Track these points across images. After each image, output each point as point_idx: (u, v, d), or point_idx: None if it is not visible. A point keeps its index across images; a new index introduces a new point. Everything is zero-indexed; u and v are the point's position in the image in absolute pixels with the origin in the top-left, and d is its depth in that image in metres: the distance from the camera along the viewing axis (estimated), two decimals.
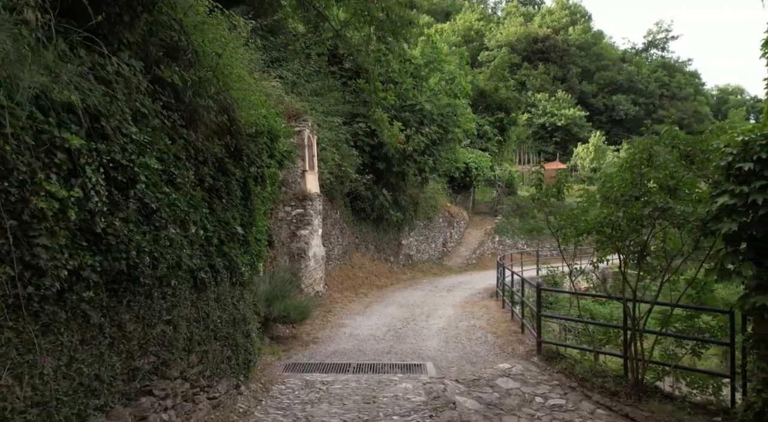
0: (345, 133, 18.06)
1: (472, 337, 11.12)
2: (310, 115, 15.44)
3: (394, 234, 22.88)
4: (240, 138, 7.04)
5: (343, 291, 16.59)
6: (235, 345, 6.86)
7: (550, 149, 64.74)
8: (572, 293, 9.11)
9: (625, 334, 8.24)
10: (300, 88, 17.90)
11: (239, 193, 7.07)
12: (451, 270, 26.01)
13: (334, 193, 17.71)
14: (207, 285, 6.19)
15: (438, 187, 28.25)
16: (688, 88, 78.35)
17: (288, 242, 14.25)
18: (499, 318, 13.17)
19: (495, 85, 42.43)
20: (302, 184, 14.58)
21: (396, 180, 20.88)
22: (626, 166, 7.55)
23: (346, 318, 13.14)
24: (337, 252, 17.90)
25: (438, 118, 20.62)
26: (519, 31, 76.45)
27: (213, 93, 6.49)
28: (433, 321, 13.04)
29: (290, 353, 9.71)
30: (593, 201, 8.07)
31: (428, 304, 15.59)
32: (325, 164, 16.42)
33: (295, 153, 14.11)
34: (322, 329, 11.75)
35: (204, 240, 6.14)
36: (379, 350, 10.03)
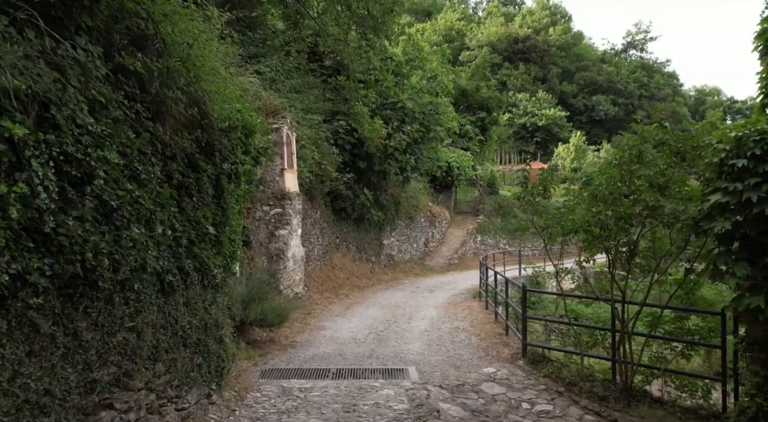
0: (325, 131, 17.68)
1: (455, 340, 10.83)
2: (288, 112, 15.05)
3: (375, 234, 22.55)
4: (212, 132, 6.65)
5: (323, 293, 16.22)
6: (206, 351, 6.47)
7: (530, 149, 64.85)
8: (558, 294, 8.86)
9: (613, 336, 8.01)
10: (279, 84, 17.48)
11: (211, 191, 6.68)
12: (433, 271, 25.76)
13: (314, 192, 17.32)
14: (175, 289, 5.80)
15: (420, 186, 27.99)
16: (667, 89, 79.15)
17: (266, 242, 13.84)
18: (482, 320, 12.90)
19: (476, 85, 42.36)
20: (281, 183, 14.18)
21: (377, 179, 20.56)
22: (615, 164, 7.31)
23: (326, 321, 12.78)
24: (317, 252, 17.52)
25: (420, 116, 20.33)
26: (500, 31, 76.58)
27: (183, 84, 6.11)
28: (415, 323, 12.73)
29: (267, 358, 9.33)
30: (580, 199, 7.82)
31: (410, 305, 15.29)
32: (305, 162, 16.03)
33: (272, 150, 13.71)
34: (301, 332, 11.38)
35: (172, 241, 5.75)
36: (360, 354, 9.69)
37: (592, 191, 7.62)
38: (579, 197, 7.96)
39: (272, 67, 17.41)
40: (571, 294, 8.93)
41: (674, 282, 7.56)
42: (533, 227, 8.38)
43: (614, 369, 7.98)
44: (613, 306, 7.77)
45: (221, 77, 7.55)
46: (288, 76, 18.47)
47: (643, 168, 6.93)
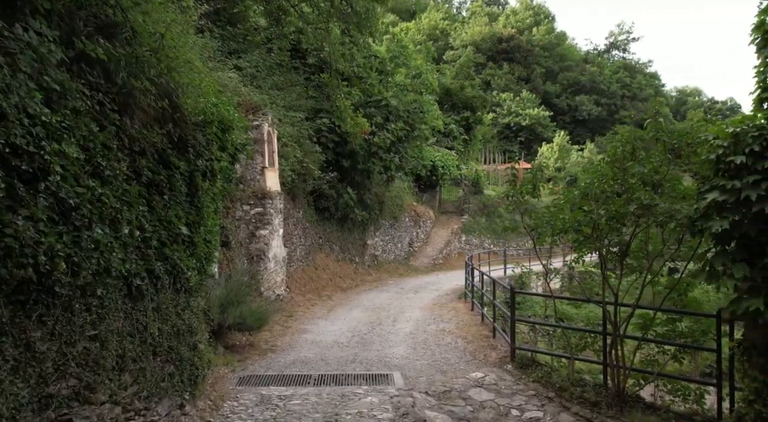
0: (308, 129, 17.31)
1: (441, 343, 10.53)
2: (269, 109, 14.66)
3: (359, 234, 22.21)
4: (185, 127, 6.27)
5: (305, 294, 15.84)
6: (179, 359, 6.09)
7: (514, 149, 64.77)
8: (548, 296, 8.61)
9: (605, 340, 7.76)
10: (260, 81, 17.08)
11: (184, 189, 6.29)
12: (418, 271, 25.48)
13: (296, 191, 16.94)
14: (144, 294, 5.41)
15: (404, 185, 27.69)
16: (649, 89, 79.70)
17: (246, 243, 13.44)
18: (468, 322, 12.63)
19: (461, 84, 42.16)
20: (262, 182, 13.78)
21: (361, 178, 20.22)
22: (607, 161, 7.06)
23: (309, 323, 12.42)
24: (299, 253, 17.14)
25: (404, 114, 20.02)
26: (484, 30, 76.56)
27: (153, 75, 5.73)
28: (400, 325, 12.42)
29: (246, 363, 8.95)
30: (571, 198, 7.55)
31: (395, 307, 14.97)
32: (287, 161, 15.64)
33: (252, 147, 13.32)
34: (282, 336, 11.00)
35: (141, 242, 5.37)
36: (342, 358, 9.35)
37: (583, 189, 7.37)
38: (569, 196, 7.69)
39: (253, 63, 16.99)
40: (561, 296, 8.65)
41: (666, 283, 7.33)
42: (522, 227, 8.09)
43: (605, 373, 7.75)
44: (604, 309, 7.52)
45: (196, 70, 7.17)
46: (269, 73, 18.07)
47: (636, 165, 6.68)
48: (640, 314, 7.77)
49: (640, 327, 7.64)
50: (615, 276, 7.54)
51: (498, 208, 35.52)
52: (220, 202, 8.31)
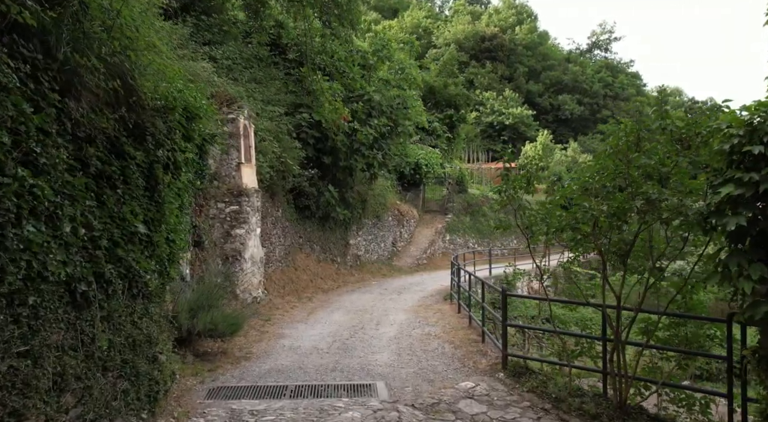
0: (287, 124, 16.62)
1: (427, 348, 9.93)
2: (246, 102, 13.95)
3: (341, 233, 21.55)
4: (142, 112, 5.59)
5: (284, 296, 15.15)
6: (135, 374, 5.40)
7: (498, 148, 64.52)
8: (543, 299, 8.03)
9: (605, 346, 7.21)
10: (236, 73, 16.36)
11: (142, 182, 5.61)
12: (402, 271, 24.89)
13: (275, 188, 16.24)
14: (91, 301, 4.73)
15: (387, 184, 27.08)
16: (631, 89, 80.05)
17: (221, 242, 12.72)
18: (455, 325, 12.05)
19: (444, 82, 41.70)
20: (237, 178, 13.07)
21: (343, 175, 19.56)
22: (609, 153, 6.49)
23: (287, 328, 11.74)
24: (278, 253, 16.44)
25: (387, 109, 19.40)
26: (467, 29, 76.26)
27: (105, 54, 5.05)
28: (383, 328, 11.80)
29: (217, 373, 8.25)
30: (569, 193, 6.99)
31: (378, 309, 14.35)
32: (265, 157, 14.94)
33: (223, 139, 12.62)
34: (258, 342, 10.32)
35: (87, 242, 4.70)
36: (322, 366, 8.70)
37: (582, 184, 6.81)
38: (567, 191, 7.13)
39: (229, 54, 16.26)
40: (558, 299, 8.08)
41: (671, 285, 6.79)
42: (516, 225, 7.50)
43: (605, 382, 7.20)
44: (604, 312, 6.97)
45: (159, 51, 6.48)
46: (247, 66, 17.35)
47: (642, 157, 6.12)
48: (641, 318, 7.24)
49: (641, 332, 7.11)
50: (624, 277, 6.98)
51: (482, 207, 35.09)
52: (187, 197, 7.63)
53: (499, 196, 7.56)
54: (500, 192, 7.49)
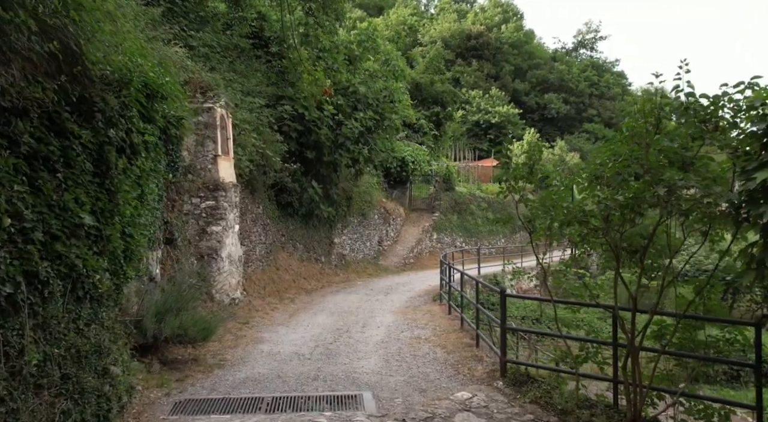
0: (268, 116, 15.80)
1: (418, 353, 9.19)
2: (224, 91, 13.12)
3: (325, 231, 20.75)
4: (90, 85, 4.78)
5: (265, 297, 14.33)
6: (79, 391, 4.59)
7: (484, 146, 64.14)
8: (547, 300, 7.31)
9: (615, 352, 6.53)
10: (214, 62, 15.51)
11: (89, 166, 4.81)
12: (388, 271, 24.15)
13: (255, 183, 15.41)
14: (20, 306, 3.93)
15: (373, 181, 26.31)
16: (616, 88, 79.96)
17: (196, 240, 11.89)
18: (446, 327, 11.33)
19: (430, 78, 41.01)
20: (214, 171, 12.24)
21: (327, 171, 18.76)
22: (624, 137, 5.79)
23: (266, 331, 10.94)
24: (259, 252, 15.62)
25: (374, 102, 18.63)
26: (452, 27, 75.69)
27: (42, 13, 4.26)
28: (370, 331, 11.05)
29: (186, 383, 7.44)
30: (577, 183, 6.29)
31: (364, 310, 13.59)
32: (244, 150, 14.12)
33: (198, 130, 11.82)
34: (234, 347, 9.51)
35: (16, 234, 3.90)
36: (303, 375, 7.93)
37: (592, 172, 6.10)
38: (574, 180, 6.44)
39: (206, 41, 15.40)
40: (563, 300, 7.35)
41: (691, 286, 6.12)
42: (519, 218, 6.78)
43: (616, 391, 6.51)
44: (616, 314, 6.27)
45: (116, 19, 5.68)
46: (225, 55, 16.50)
47: (664, 139, 5.43)
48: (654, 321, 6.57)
49: (654, 336, 6.44)
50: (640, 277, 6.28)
51: (470, 206, 34.48)
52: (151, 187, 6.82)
53: (498, 187, 6.85)
54: (500, 182, 6.77)
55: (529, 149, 7.11)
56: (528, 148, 52.44)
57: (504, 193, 6.79)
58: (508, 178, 6.66)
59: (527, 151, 52.64)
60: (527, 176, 6.65)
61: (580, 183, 6.33)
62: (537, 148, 7.66)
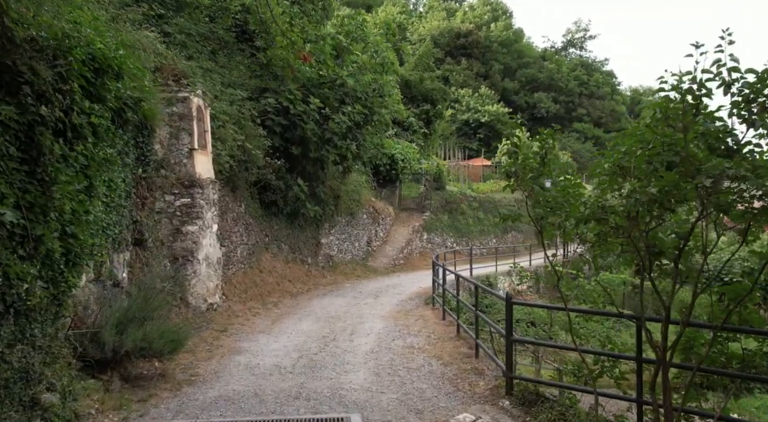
0: (250, 109, 14.88)
1: (411, 366, 8.33)
2: (201, 81, 12.21)
3: (312, 231, 19.85)
4: (13, 49, 3.88)
5: (246, 302, 13.42)
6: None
7: (474, 146, 63.53)
8: (561, 308, 6.43)
9: (640, 368, 5.72)
10: (192, 50, 14.57)
11: (13, 150, 3.91)
12: (377, 272, 23.28)
13: (236, 181, 14.48)
14: None
15: (362, 179, 25.43)
16: (606, 88, 79.65)
17: (170, 241, 10.96)
18: (441, 334, 10.49)
19: (420, 76, 40.24)
20: (189, 166, 11.31)
21: (314, 168, 17.86)
22: (654, 122, 4.96)
23: (246, 340, 10.04)
24: (240, 253, 14.69)
25: (362, 96, 17.75)
26: (441, 25, 75.03)
27: None
28: (359, 340, 10.19)
29: (148, 404, 6.54)
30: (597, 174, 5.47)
31: (352, 316, 12.73)
32: (224, 144, 13.20)
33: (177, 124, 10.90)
34: (208, 359, 8.61)
35: None
36: (283, 392, 7.05)
37: (615, 162, 5.27)
38: (593, 171, 5.61)
39: (183, 28, 14.45)
40: (579, 309, 6.45)
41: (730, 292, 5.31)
42: (528, 215, 5.93)
43: (640, 414, 5.70)
44: (643, 326, 5.45)
45: None
46: (205, 45, 15.56)
47: (704, 121, 4.62)
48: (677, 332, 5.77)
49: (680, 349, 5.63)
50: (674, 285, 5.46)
51: (461, 205, 33.71)
52: (102, 178, 5.91)
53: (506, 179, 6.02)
54: (507, 174, 5.94)
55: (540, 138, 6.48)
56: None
57: (512, 187, 5.95)
58: (517, 171, 5.82)
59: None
60: (540, 167, 5.82)
61: (600, 174, 5.50)
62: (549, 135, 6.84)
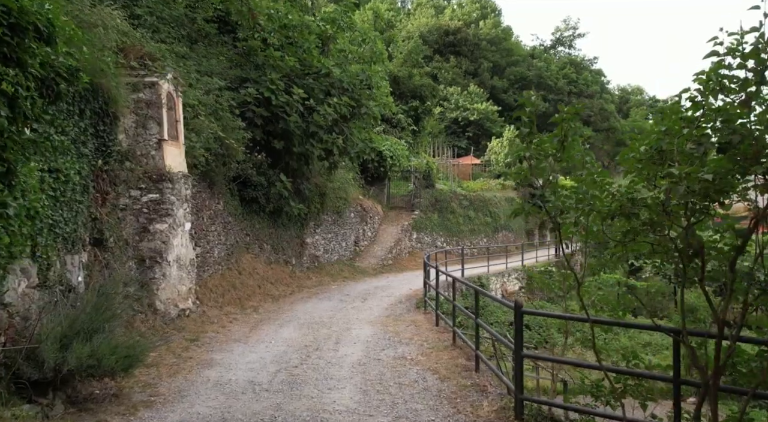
0: (228, 100, 13.87)
1: (403, 381, 7.38)
2: (173, 66, 11.18)
3: (296, 230, 18.84)
4: None
5: (223, 307, 12.40)
6: None
7: (462, 144, 62.73)
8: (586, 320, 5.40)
9: (677, 392, 4.81)
10: (164, 34, 13.53)
11: None
12: (365, 273, 22.31)
13: (214, 176, 13.46)
14: None
15: (349, 176, 24.44)
16: (595, 86, 79.15)
17: (136, 241, 9.93)
18: (435, 343, 9.56)
19: (409, 72, 39.44)
20: (158, 159, 10.29)
21: (298, 164, 16.86)
22: (708, 91, 4.04)
23: (218, 351, 9.04)
24: (218, 254, 13.66)
25: (349, 87, 16.77)
26: (430, 22, 74.23)
27: None
28: (345, 349, 9.23)
29: None
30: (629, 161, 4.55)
31: (338, 321, 11.76)
32: (199, 136, 12.17)
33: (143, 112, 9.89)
34: (174, 374, 7.59)
35: None
36: (256, 416, 6.07)
37: (653, 144, 4.36)
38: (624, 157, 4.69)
39: (156, 11, 13.39)
40: (604, 320, 5.43)
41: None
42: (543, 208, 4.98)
43: None
44: (684, 342, 4.52)
45: None
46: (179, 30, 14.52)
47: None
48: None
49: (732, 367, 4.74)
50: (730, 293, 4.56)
51: (451, 204, 32.82)
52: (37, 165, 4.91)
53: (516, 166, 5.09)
54: (519, 158, 5.00)
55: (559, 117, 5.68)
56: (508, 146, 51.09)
57: (524, 175, 5.01)
58: (531, 155, 4.89)
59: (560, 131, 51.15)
60: (558, 152, 4.89)
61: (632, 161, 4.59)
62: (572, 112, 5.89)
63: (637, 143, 4.49)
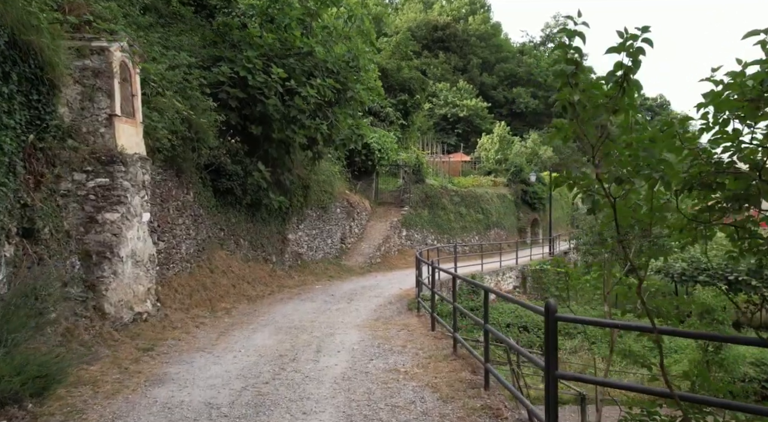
0: (199, 78, 12.41)
1: (397, 401, 5.99)
2: (129, 32, 9.71)
3: (277, 226, 17.40)
4: None
5: (189, 309, 10.94)
6: None
7: (452, 141, 61.59)
8: (649, 329, 3.97)
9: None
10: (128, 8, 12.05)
11: None
12: (352, 272, 20.91)
13: (181, 162, 11.98)
14: None
15: (335, 169, 23.03)
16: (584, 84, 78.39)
17: (80, 233, 8.45)
18: (432, 351, 8.19)
19: (397, 64, 38.05)
20: (109, 138, 8.81)
21: (278, 152, 15.40)
22: None
23: (176, 362, 7.60)
24: (186, 250, 12.19)
25: (334, 68, 15.35)
26: (419, 17, 73.00)
27: None
28: (326, 360, 7.83)
29: None
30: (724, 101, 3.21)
31: (321, 325, 10.37)
32: (162, 116, 10.71)
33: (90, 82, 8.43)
34: (113, 395, 6.14)
35: None
36: None
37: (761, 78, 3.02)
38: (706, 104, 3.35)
39: None
40: (671, 330, 4.06)
41: None
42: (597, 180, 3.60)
43: None
44: None
45: None
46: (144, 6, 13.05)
47: None
48: None
49: None
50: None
51: (442, 199, 31.52)
52: None
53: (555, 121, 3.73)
54: (564, 107, 3.63)
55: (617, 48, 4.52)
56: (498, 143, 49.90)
57: (566, 131, 3.64)
58: (583, 102, 3.52)
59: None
60: (615, 99, 3.53)
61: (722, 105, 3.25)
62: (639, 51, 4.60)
63: (723, 88, 3.15)
